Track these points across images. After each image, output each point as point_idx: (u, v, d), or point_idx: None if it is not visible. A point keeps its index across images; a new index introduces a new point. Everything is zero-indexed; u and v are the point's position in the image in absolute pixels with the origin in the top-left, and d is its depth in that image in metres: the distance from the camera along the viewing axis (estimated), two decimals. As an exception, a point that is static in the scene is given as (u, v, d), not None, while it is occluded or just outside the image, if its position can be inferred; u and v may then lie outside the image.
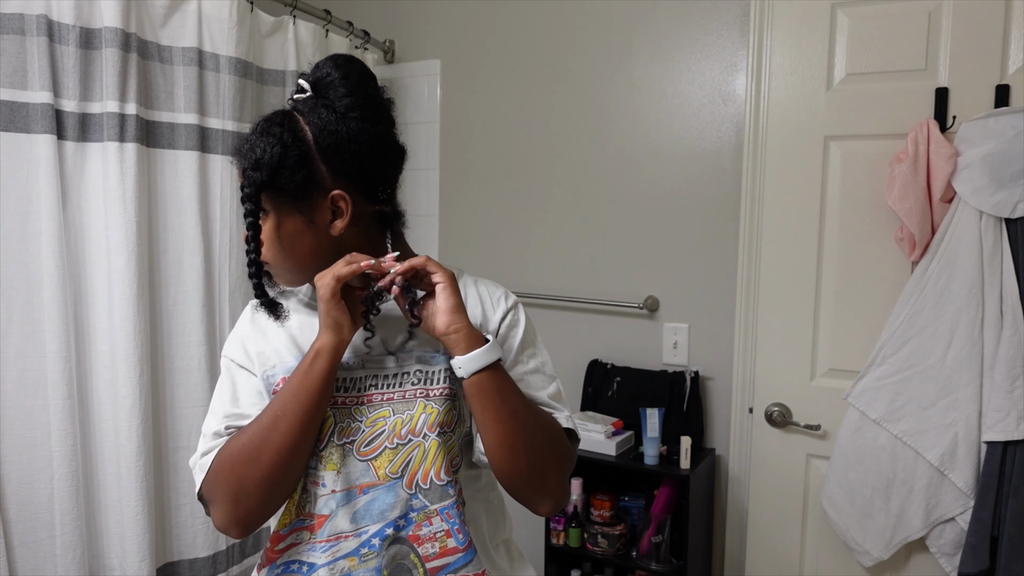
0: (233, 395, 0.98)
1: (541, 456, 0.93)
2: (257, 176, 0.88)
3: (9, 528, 1.49)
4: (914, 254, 1.73)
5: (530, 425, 0.92)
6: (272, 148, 0.88)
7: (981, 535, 1.61)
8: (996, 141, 1.60)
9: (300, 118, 0.91)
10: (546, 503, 0.96)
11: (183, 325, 1.74)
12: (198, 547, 1.77)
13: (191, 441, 1.75)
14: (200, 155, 1.75)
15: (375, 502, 0.91)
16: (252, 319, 1.03)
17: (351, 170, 0.92)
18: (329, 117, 0.90)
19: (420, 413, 0.93)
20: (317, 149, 0.90)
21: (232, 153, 0.94)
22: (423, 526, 0.92)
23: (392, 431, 0.92)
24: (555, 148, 2.32)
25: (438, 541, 0.92)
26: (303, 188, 0.90)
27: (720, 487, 2.14)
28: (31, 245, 1.49)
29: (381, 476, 0.92)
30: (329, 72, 0.92)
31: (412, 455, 0.92)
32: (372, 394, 0.94)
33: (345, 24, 2.21)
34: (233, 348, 1.02)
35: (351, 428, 0.92)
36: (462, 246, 2.49)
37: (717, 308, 2.11)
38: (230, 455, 0.91)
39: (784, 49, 1.90)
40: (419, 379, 0.95)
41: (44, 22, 1.47)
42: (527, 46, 2.33)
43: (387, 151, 0.96)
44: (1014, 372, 1.59)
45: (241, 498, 0.90)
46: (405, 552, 0.92)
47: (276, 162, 0.88)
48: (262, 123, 0.92)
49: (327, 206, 0.92)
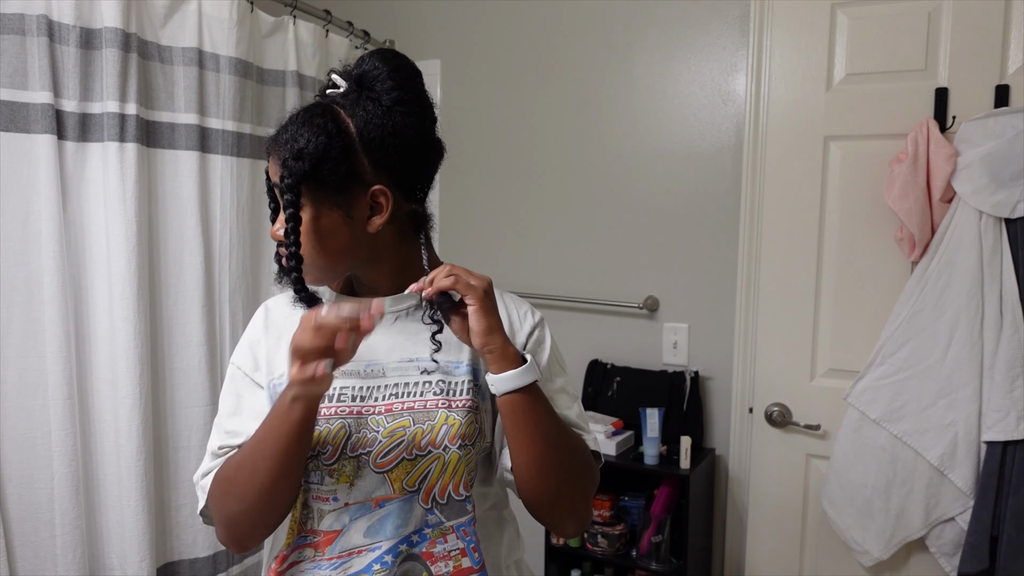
0: (234, 409, 0.95)
1: (570, 478, 0.91)
2: (299, 166, 0.85)
3: (9, 528, 1.48)
4: (914, 254, 1.73)
5: (562, 447, 0.90)
6: (316, 138, 0.85)
7: (981, 535, 1.61)
8: (996, 141, 1.60)
9: (341, 111, 0.88)
10: (571, 526, 0.95)
11: (183, 325, 1.74)
12: (198, 547, 1.77)
13: (191, 441, 1.75)
14: (200, 155, 1.75)
15: (390, 516, 0.88)
16: (266, 323, 0.99)
17: (394, 166, 0.89)
18: (375, 110, 0.88)
19: (441, 424, 0.89)
20: (361, 142, 0.87)
21: (268, 144, 0.91)
22: (437, 543, 0.89)
23: (411, 442, 0.88)
24: (555, 148, 2.32)
25: (452, 560, 0.89)
26: (344, 181, 0.87)
27: (720, 487, 2.14)
28: (31, 245, 1.49)
29: (397, 489, 0.88)
30: (377, 66, 0.89)
31: (430, 468, 0.89)
32: (392, 403, 0.90)
33: (345, 24, 2.21)
34: (242, 354, 0.98)
35: (367, 439, 0.88)
36: (462, 246, 2.49)
37: (717, 308, 2.11)
38: (220, 484, 0.89)
39: (784, 49, 1.90)
40: (441, 389, 0.92)
41: (44, 22, 1.47)
42: (527, 46, 2.34)
43: (428, 148, 0.94)
44: (1014, 372, 1.59)
45: (232, 525, 0.89)
46: (418, 570, 0.88)
47: (320, 152, 0.85)
48: (302, 114, 0.88)
49: (366, 201, 0.89)
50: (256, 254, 1.91)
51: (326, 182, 0.86)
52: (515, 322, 1.00)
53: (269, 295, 1.94)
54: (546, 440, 0.88)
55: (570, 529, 0.95)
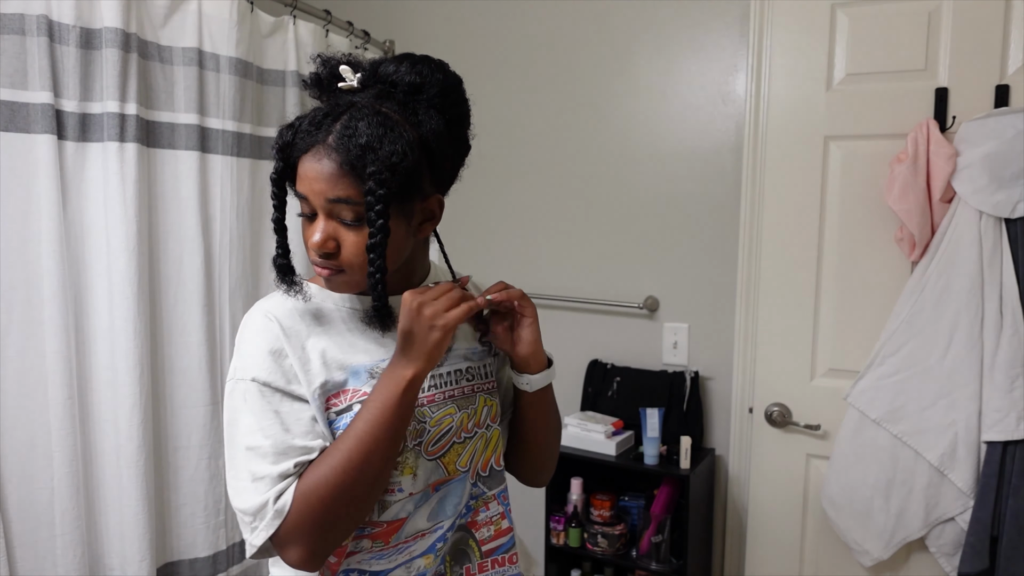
0: (285, 428, 0.87)
1: (556, 449, 1.12)
2: (391, 180, 0.82)
3: (9, 528, 1.48)
4: (914, 254, 1.73)
5: (557, 427, 1.10)
6: (404, 150, 0.82)
7: (981, 535, 1.61)
8: (996, 141, 1.60)
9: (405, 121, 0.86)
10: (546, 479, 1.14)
11: (183, 325, 1.74)
12: (198, 547, 1.77)
13: (191, 441, 1.75)
14: (200, 155, 1.75)
15: (448, 497, 0.95)
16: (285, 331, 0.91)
17: (447, 176, 0.94)
18: (439, 121, 0.88)
19: (483, 406, 1.00)
20: (426, 152, 0.87)
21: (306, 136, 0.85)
22: (480, 512, 0.99)
23: (459, 426, 0.96)
24: (555, 148, 2.32)
25: (493, 524, 1.00)
26: (411, 192, 0.86)
27: (720, 487, 2.14)
28: (31, 245, 1.49)
29: (451, 471, 0.96)
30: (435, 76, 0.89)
31: (477, 446, 0.98)
32: (433, 394, 0.95)
33: (345, 24, 2.21)
34: (265, 369, 0.89)
35: (417, 430, 0.93)
36: (462, 246, 2.49)
37: (717, 308, 2.11)
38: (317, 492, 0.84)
39: (784, 49, 1.90)
40: (472, 376, 1.00)
41: (44, 22, 1.47)
42: (527, 46, 2.33)
43: (466, 155, 0.98)
44: (1014, 372, 1.59)
45: (329, 534, 0.85)
46: (465, 538, 0.98)
47: (411, 166, 0.83)
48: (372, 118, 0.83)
49: (420, 209, 0.90)
50: (256, 254, 1.91)
51: (402, 194, 0.85)
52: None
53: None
54: (556, 416, 1.08)
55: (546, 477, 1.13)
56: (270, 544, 0.86)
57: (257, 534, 0.85)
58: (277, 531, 0.84)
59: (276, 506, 0.84)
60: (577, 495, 2.10)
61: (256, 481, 0.85)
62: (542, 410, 1.04)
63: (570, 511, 2.10)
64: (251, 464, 0.86)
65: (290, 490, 0.84)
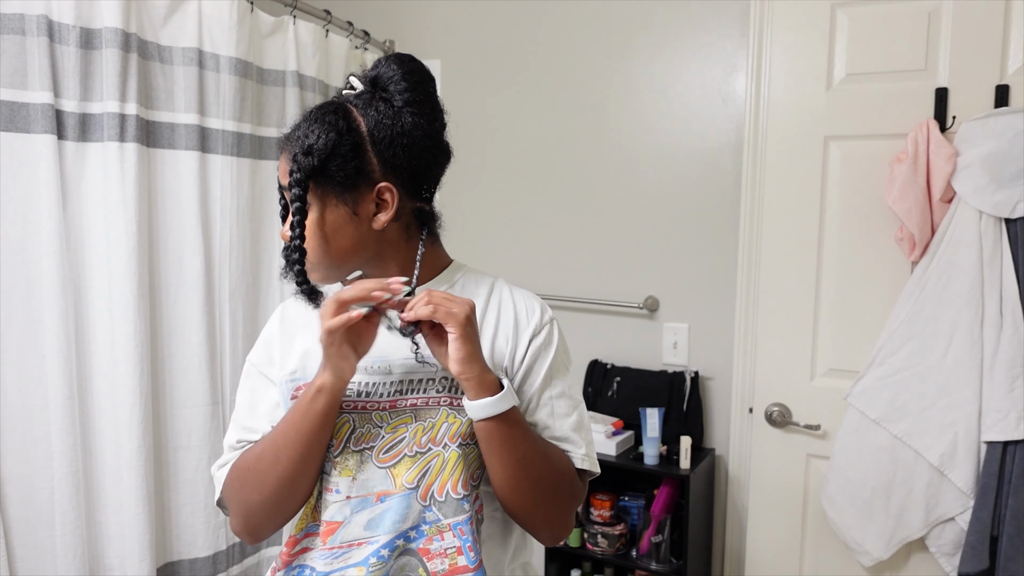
0: (250, 405, 0.99)
1: (545, 497, 0.93)
2: (308, 161, 0.87)
3: (9, 528, 1.48)
4: (914, 254, 1.73)
5: (537, 469, 0.91)
6: (327, 135, 0.88)
7: (981, 535, 1.61)
8: (996, 141, 1.60)
9: (354, 110, 0.91)
10: (546, 536, 0.97)
11: (183, 325, 1.74)
12: (198, 547, 1.77)
13: (191, 441, 1.75)
14: (200, 155, 1.75)
15: (389, 511, 0.89)
16: (282, 320, 1.02)
17: (401, 164, 0.92)
18: (386, 110, 0.91)
19: (443, 422, 0.91)
20: (371, 140, 0.90)
21: (279, 142, 0.94)
22: (434, 540, 0.89)
23: (412, 438, 0.90)
24: (555, 148, 2.32)
25: (448, 558, 0.89)
26: (352, 178, 0.89)
27: (720, 487, 2.14)
28: (31, 245, 1.49)
29: (398, 485, 0.89)
30: (392, 68, 0.92)
31: (430, 465, 0.90)
32: (396, 399, 0.92)
33: (345, 24, 2.21)
34: (257, 351, 1.02)
35: (370, 433, 0.90)
36: (462, 246, 2.48)
37: (717, 308, 2.11)
38: (238, 474, 0.94)
39: (784, 49, 1.90)
40: (444, 387, 0.93)
41: (44, 22, 1.47)
42: (527, 46, 2.34)
43: (437, 150, 0.96)
44: (1014, 372, 1.59)
45: (249, 514, 0.93)
46: (414, 565, 0.89)
47: (330, 149, 0.88)
48: (315, 111, 0.91)
49: (372, 198, 0.91)
50: (256, 254, 1.91)
51: (334, 178, 0.89)
52: (521, 320, 0.99)
53: (269, 295, 1.95)
54: (520, 463, 0.89)
55: (545, 538, 0.97)
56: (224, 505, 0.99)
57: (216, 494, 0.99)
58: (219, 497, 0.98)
59: (218, 474, 0.99)
60: (577, 495, 2.10)
61: (225, 447, 1.00)
62: (496, 448, 0.88)
63: (570, 511, 2.10)
64: (229, 431, 1.01)
65: (229, 464, 0.97)
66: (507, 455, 0.88)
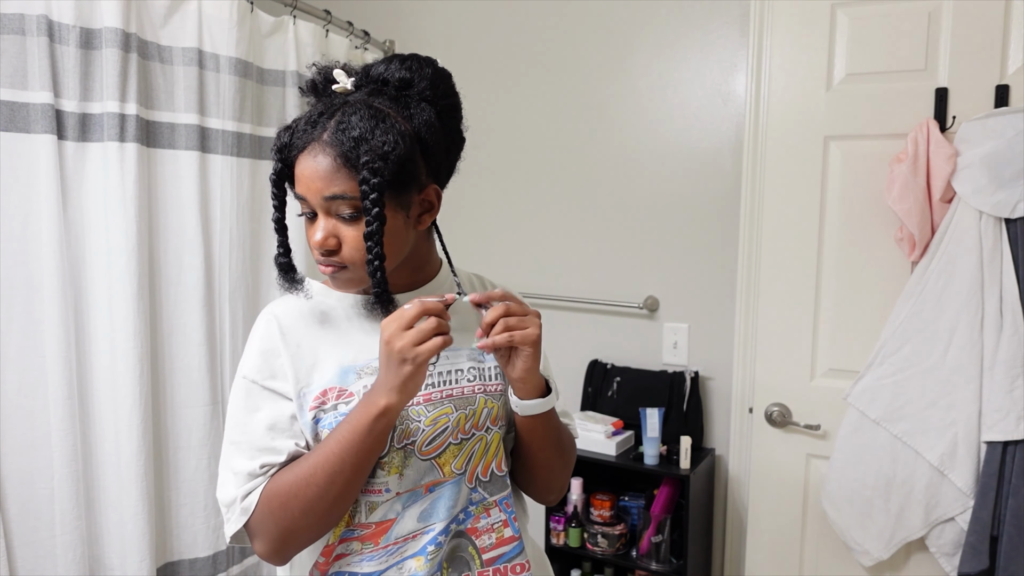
0: (268, 426, 0.92)
1: (566, 468, 1.07)
2: (384, 168, 0.83)
3: (9, 528, 1.48)
4: (914, 254, 1.73)
5: (564, 448, 1.05)
6: (396, 139, 0.84)
7: (981, 535, 1.61)
8: (996, 141, 1.60)
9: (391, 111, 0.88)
10: (553, 498, 1.09)
11: (183, 325, 1.74)
12: (198, 547, 1.77)
13: (191, 441, 1.75)
14: (200, 155, 1.75)
15: (441, 499, 0.93)
16: (282, 332, 0.95)
17: (440, 165, 0.94)
18: (430, 113, 0.90)
19: (482, 408, 0.96)
20: (419, 143, 0.89)
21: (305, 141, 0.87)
22: (481, 518, 0.96)
23: (456, 427, 0.94)
24: (555, 148, 2.32)
25: (495, 532, 0.97)
26: (408, 182, 0.88)
27: (720, 487, 2.14)
28: (31, 245, 1.49)
29: (447, 473, 0.94)
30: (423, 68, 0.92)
31: (474, 449, 0.96)
32: (430, 392, 0.94)
33: (345, 24, 2.21)
34: (255, 368, 0.94)
35: (410, 429, 0.91)
36: (462, 246, 2.49)
37: (717, 308, 2.12)
38: (280, 501, 0.87)
39: (784, 49, 1.90)
40: (474, 376, 0.98)
41: (44, 22, 1.47)
42: (527, 46, 2.34)
43: (461, 148, 0.99)
44: (1014, 372, 1.59)
45: (289, 539, 0.89)
46: (464, 545, 0.95)
47: (404, 155, 0.85)
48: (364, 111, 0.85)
49: (419, 201, 0.91)
50: (256, 254, 1.91)
51: (395, 183, 0.86)
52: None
53: (269, 295, 1.94)
54: (556, 446, 1.02)
55: (552, 500, 1.09)
56: (244, 533, 0.92)
57: (229, 525, 0.91)
58: (246, 525, 0.90)
59: (243, 504, 0.89)
60: (577, 495, 2.10)
61: (235, 475, 0.91)
62: (539, 434, 0.98)
63: (570, 511, 2.10)
64: (231, 458, 0.92)
65: (257, 490, 0.89)
66: (547, 441, 1.00)
